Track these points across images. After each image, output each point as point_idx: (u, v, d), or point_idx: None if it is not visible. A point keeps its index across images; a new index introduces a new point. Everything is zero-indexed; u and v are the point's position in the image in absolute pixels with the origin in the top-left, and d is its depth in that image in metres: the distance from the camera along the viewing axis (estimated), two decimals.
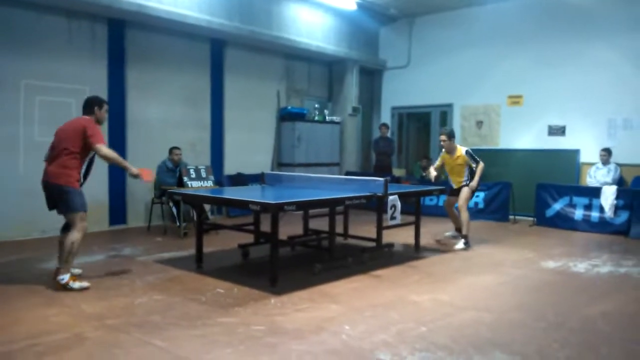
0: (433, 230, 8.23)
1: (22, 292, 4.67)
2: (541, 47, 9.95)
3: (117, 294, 4.68)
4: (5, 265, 5.69)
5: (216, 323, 3.93)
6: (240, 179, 9.67)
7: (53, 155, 4.93)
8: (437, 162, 7.41)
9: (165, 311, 4.19)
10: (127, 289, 4.84)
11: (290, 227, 7.13)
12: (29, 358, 3.25)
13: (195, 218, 7.22)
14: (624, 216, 8.14)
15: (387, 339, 3.64)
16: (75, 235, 4.76)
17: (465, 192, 7.09)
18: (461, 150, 7.15)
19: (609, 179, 8.70)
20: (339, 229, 6.50)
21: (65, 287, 4.67)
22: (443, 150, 7.29)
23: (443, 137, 7.17)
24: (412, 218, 6.65)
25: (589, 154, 9.42)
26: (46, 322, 3.90)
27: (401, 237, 7.04)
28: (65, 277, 4.70)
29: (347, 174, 10.95)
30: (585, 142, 9.53)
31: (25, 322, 3.91)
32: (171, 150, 8.03)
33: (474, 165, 7.07)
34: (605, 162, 8.84)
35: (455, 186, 7.31)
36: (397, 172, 11.64)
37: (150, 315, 4.09)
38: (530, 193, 9.22)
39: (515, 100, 10.39)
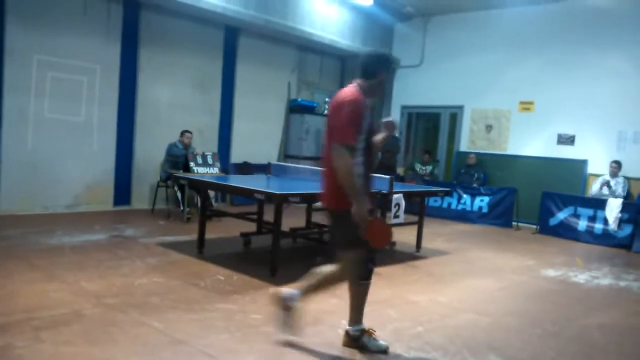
0: (436, 231, 8.23)
1: (23, 267, 4.69)
2: (555, 55, 9.89)
3: (117, 273, 4.70)
4: (7, 239, 5.72)
5: (214, 309, 3.95)
6: (246, 168, 9.68)
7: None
8: None
9: (165, 293, 4.21)
10: (128, 269, 4.86)
11: (292, 219, 7.12)
12: (26, 331, 3.26)
13: (199, 204, 7.25)
14: (627, 230, 8.10)
15: (383, 336, 3.63)
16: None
17: None
18: None
19: (616, 192, 8.65)
20: None
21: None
22: None
23: None
24: (415, 218, 6.65)
25: (597, 165, 9.37)
26: (45, 297, 3.93)
27: (403, 236, 7.04)
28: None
29: None
30: (593, 153, 9.47)
31: (24, 296, 3.93)
32: (183, 133, 8.06)
33: None
34: (615, 174, 8.78)
35: None
36: (401, 171, 11.62)
37: (149, 296, 4.11)
38: (535, 200, 9.19)
39: (526, 106, 10.34)
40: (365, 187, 3.23)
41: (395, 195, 5.75)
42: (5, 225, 6.31)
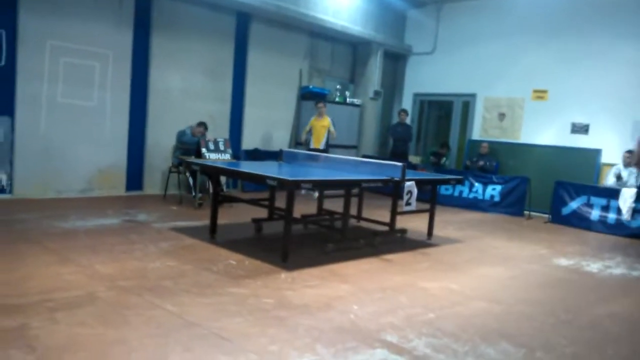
0: (447, 219, 8.20)
1: (37, 250, 4.75)
2: (569, 43, 9.75)
3: (130, 257, 4.74)
4: (21, 223, 5.79)
5: (227, 293, 3.97)
6: (257, 155, 9.69)
7: None
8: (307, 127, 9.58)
9: (177, 277, 4.24)
10: (141, 253, 4.90)
11: (304, 206, 7.15)
12: (41, 312, 3.31)
13: (210, 190, 7.28)
14: None
15: (395, 322, 3.65)
16: None
17: None
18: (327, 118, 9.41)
19: (628, 182, 8.56)
20: (353, 211, 6.50)
21: None
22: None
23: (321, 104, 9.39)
24: (426, 206, 6.63)
25: (611, 154, 9.27)
26: (60, 280, 3.97)
27: (414, 224, 7.02)
28: None
29: (364, 157, 10.91)
30: (608, 142, 9.37)
31: (38, 278, 3.98)
32: (198, 124, 8.04)
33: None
34: (628, 164, 8.68)
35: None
36: (413, 159, 11.58)
37: (162, 280, 4.14)
38: (547, 190, 9.12)
39: (540, 94, 10.23)
40: None
41: (407, 183, 5.73)
42: (19, 210, 6.38)
